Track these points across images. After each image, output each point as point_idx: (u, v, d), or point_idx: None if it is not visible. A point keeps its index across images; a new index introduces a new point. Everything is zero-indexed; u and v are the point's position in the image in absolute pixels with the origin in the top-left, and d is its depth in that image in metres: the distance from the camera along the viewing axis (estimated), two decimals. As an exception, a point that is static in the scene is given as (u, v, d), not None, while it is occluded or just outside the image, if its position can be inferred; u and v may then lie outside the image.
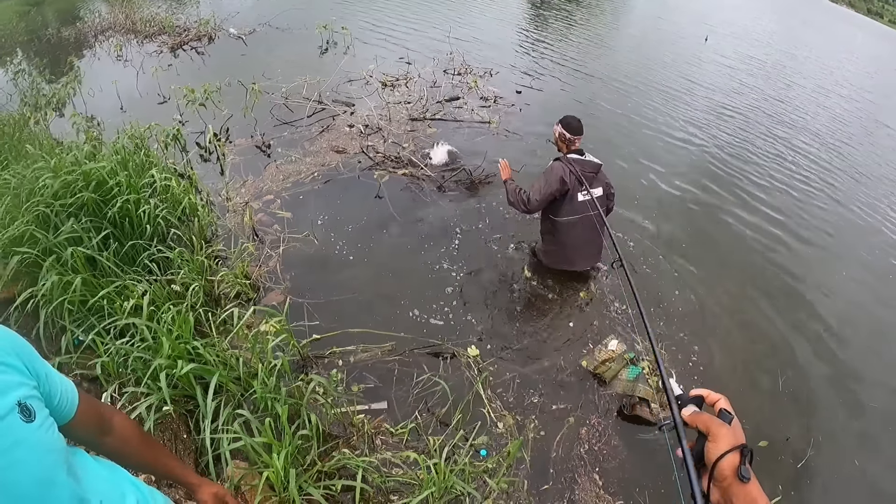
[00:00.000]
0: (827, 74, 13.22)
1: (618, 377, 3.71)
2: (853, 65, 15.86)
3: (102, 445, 1.30)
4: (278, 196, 5.10)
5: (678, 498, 0.97)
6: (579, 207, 4.01)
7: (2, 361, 0.98)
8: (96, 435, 1.28)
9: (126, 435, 1.35)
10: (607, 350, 3.84)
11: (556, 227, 4.15)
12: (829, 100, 11.10)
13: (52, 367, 1.15)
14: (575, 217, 4.04)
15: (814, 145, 8.65)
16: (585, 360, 3.79)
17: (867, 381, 4.17)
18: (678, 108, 8.95)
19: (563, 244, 4.22)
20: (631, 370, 3.73)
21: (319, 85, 7.45)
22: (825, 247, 5.88)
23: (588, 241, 4.19)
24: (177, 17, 10.29)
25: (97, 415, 1.28)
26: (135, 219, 3.86)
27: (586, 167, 4.00)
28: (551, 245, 4.32)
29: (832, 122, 9.95)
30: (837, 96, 11.60)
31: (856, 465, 3.53)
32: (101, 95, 7.10)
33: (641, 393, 3.58)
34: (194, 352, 2.92)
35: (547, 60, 10.03)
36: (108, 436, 1.31)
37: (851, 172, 8.00)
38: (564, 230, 4.12)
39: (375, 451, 3.01)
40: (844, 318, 4.75)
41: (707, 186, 6.47)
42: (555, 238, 4.24)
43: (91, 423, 1.25)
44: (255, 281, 4.06)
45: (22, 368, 1.02)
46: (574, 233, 4.11)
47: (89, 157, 4.30)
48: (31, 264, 3.42)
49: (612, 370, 3.72)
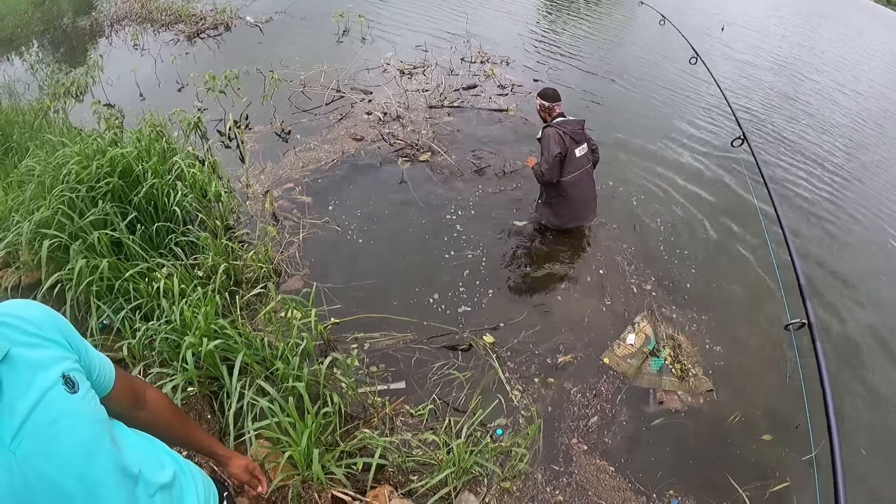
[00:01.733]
0: (845, 70, 12.99)
1: (641, 371, 3.71)
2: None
3: (136, 419, 1.32)
4: (298, 183, 5.13)
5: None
6: (577, 163, 4.40)
7: (46, 337, 1.01)
8: (131, 409, 1.30)
9: (159, 409, 1.38)
10: (626, 345, 3.84)
11: (563, 187, 4.46)
12: (845, 96, 10.89)
13: None
14: (578, 172, 4.42)
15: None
16: (607, 357, 3.77)
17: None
18: (690, 102, 8.85)
19: (572, 201, 4.54)
20: (654, 363, 3.75)
21: (337, 73, 7.47)
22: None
23: (591, 195, 4.62)
24: (193, 6, 10.30)
25: (132, 389, 1.31)
26: (160, 203, 3.89)
27: (574, 125, 4.39)
28: (561, 207, 4.61)
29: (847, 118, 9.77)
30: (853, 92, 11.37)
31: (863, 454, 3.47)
32: (120, 84, 7.16)
33: (668, 385, 3.60)
34: (221, 331, 2.95)
35: (563, 51, 9.93)
36: (142, 410, 1.33)
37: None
38: (571, 188, 4.46)
39: (396, 431, 3.05)
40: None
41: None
42: (564, 198, 4.54)
43: (126, 398, 1.28)
44: (277, 266, 4.09)
45: (64, 343, 1.05)
46: (579, 187, 4.49)
47: (112, 144, 4.33)
48: (55, 248, 3.45)
49: (633, 366, 3.71)
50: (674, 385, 3.62)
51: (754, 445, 3.31)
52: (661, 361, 3.75)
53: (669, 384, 3.62)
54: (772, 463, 3.23)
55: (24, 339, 0.96)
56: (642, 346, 3.83)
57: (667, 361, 3.76)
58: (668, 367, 3.73)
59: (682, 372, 3.71)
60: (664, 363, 3.74)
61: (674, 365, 3.75)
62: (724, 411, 3.47)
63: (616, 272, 4.53)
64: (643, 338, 3.89)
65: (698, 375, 3.72)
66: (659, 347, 3.87)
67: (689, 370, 3.73)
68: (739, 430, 3.38)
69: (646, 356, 3.78)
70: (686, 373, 3.71)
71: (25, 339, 0.97)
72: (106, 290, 3.27)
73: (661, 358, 3.78)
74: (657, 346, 3.87)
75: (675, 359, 3.80)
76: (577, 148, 4.36)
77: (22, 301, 1.04)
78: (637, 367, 3.70)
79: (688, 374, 3.70)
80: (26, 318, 1.00)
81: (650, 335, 3.93)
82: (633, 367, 3.69)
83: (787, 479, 3.10)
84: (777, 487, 3.06)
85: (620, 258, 4.67)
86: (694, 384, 3.65)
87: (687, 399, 3.53)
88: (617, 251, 4.75)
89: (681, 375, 3.67)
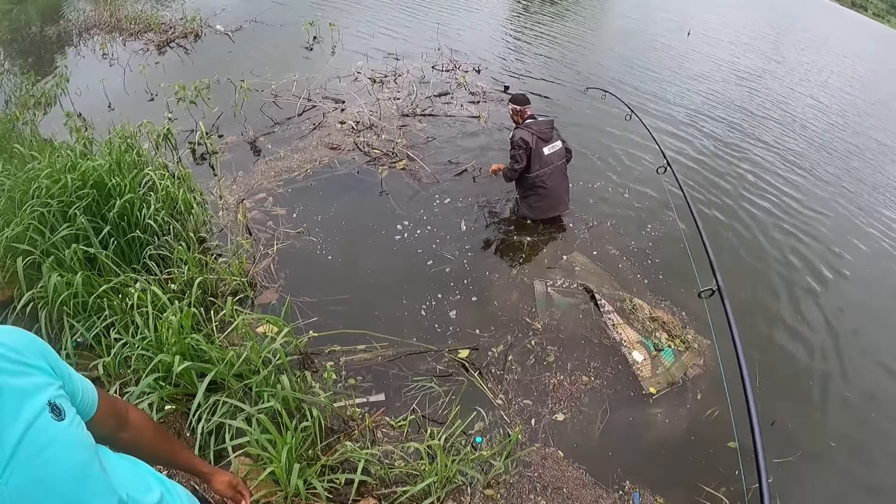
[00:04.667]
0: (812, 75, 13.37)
1: (671, 371, 3.83)
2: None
3: (120, 441, 1.32)
4: (271, 193, 5.13)
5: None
6: (547, 160, 4.79)
7: (30, 364, 1.00)
8: (115, 430, 1.30)
9: (141, 428, 1.38)
10: (641, 364, 3.87)
11: (534, 181, 4.85)
12: (805, 103, 11.22)
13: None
14: (547, 168, 4.80)
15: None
16: (652, 388, 3.71)
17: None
18: (658, 102, 9.04)
19: (544, 195, 4.93)
20: (665, 355, 3.90)
21: (308, 82, 7.47)
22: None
23: (563, 188, 5.03)
24: (162, 15, 10.20)
25: (115, 410, 1.31)
26: (132, 218, 3.88)
27: (542, 126, 4.79)
28: (535, 200, 4.99)
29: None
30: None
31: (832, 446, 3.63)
32: (89, 94, 7.07)
33: (691, 361, 3.87)
34: (196, 347, 2.96)
35: (532, 56, 10.07)
36: (126, 431, 1.33)
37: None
38: (542, 181, 4.84)
39: (377, 443, 3.07)
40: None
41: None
42: (536, 192, 4.93)
43: (110, 420, 1.28)
44: (251, 278, 4.10)
45: (48, 369, 1.05)
46: (551, 181, 4.86)
47: (82, 156, 4.31)
48: (28, 266, 3.43)
49: (665, 371, 3.82)
50: (693, 357, 3.90)
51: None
52: (670, 350, 3.93)
53: (690, 359, 3.87)
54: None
55: (8, 368, 0.96)
56: (649, 353, 3.92)
57: (671, 346, 3.95)
58: (676, 349, 3.94)
59: (685, 343, 3.98)
60: (672, 349, 3.94)
61: (675, 342, 3.98)
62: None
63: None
64: (637, 344, 3.96)
65: (697, 338, 4.05)
66: (654, 340, 4.00)
67: (688, 337, 4.05)
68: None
69: (657, 356, 3.90)
70: (687, 342, 4.00)
71: (10, 367, 0.96)
72: (80, 307, 3.25)
73: (666, 347, 3.95)
74: (653, 341, 4.00)
75: (671, 337, 4.02)
76: (546, 146, 4.77)
77: (3, 327, 1.03)
78: (667, 370, 3.83)
79: (689, 342, 4.00)
80: (9, 345, 0.99)
81: (636, 337, 4.01)
82: (666, 372, 3.81)
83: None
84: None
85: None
86: (699, 347, 3.97)
87: (701, 362, 3.87)
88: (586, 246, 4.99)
89: (687, 346, 3.95)
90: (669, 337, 4.04)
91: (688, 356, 3.91)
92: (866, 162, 8.70)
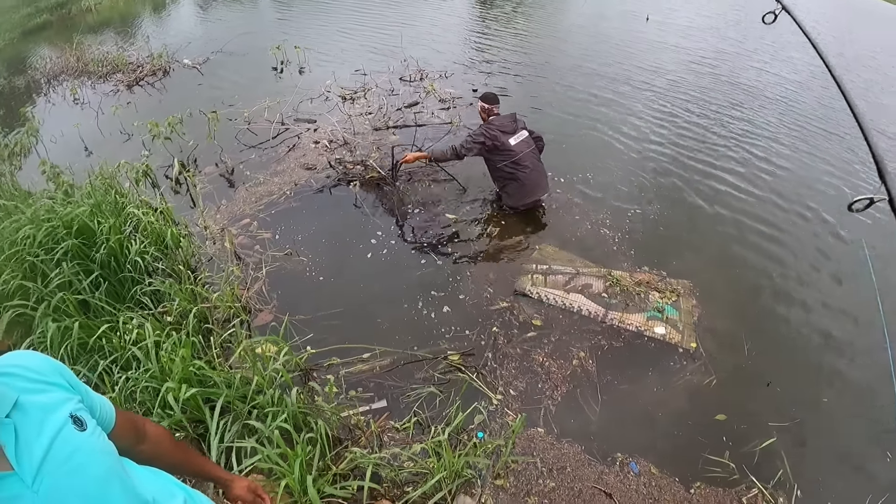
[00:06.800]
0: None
1: (684, 323, 4.12)
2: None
3: (141, 454, 1.40)
4: (255, 218, 5.23)
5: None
6: (517, 149, 5.00)
7: (49, 381, 1.11)
8: (134, 443, 1.39)
9: (160, 439, 1.47)
10: (667, 334, 4.05)
11: (511, 170, 5.06)
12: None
13: None
14: (517, 157, 5.00)
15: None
16: (694, 342, 3.99)
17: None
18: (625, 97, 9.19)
19: (523, 179, 5.08)
20: (669, 311, 4.19)
21: (280, 106, 7.56)
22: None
23: (539, 172, 5.19)
24: (129, 55, 10.23)
25: (133, 424, 1.40)
26: (121, 258, 3.96)
27: (504, 120, 5.06)
28: (514, 188, 5.17)
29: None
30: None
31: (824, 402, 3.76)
32: (64, 140, 7.12)
33: (689, 305, 4.26)
34: (199, 373, 3.05)
35: (499, 57, 10.16)
36: (144, 443, 1.42)
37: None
38: (517, 168, 5.03)
39: (384, 447, 3.16)
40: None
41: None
42: (514, 179, 5.11)
43: (129, 433, 1.36)
44: (245, 303, 4.19)
45: (66, 385, 1.14)
46: (525, 167, 5.04)
47: (63, 204, 4.38)
48: (22, 315, 3.50)
49: (685, 329, 4.08)
50: (687, 300, 4.32)
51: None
52: (669, 307, 4.24)
53: (686, 302, 4.29)
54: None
55: (29, 387, 1.05)
56: (662, 321, 4.14)
57: (667, 302, 4.28)
58: (672, 302, 4.29)
59: (675, 292, 4.39)
60: (670, 304, 4.27)
61: (667, 295, 4.35)
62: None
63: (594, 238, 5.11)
64: (649, 322, 4.14)
65: (680, 282, 4.49)
66: (654, 306, 4.26)
67: (672, 285, 4.45)
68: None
69: (668, 319, 4.15)
70: (676, 290, 4.41)
71: (31, 385, 1.06)
72: (80, 349, 3.33)
73: (665, 306, 4.25)
74: (654, 308, 4.24)
75: (661, 293, 4.39)
76: (511, 138, 5.01)
77: (19, 352, 1.13)
78: (682, 322, 4.12)
79: (675, 287, 4.43)
80: (28, 366, 1.09)
81: (642, 318, 4.17)
82: (684, 325, 4.10)
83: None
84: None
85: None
86: (684, 289, 4.43)
87: (694, 302, 4.27)
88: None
89: (678, 293, 4.37)
90: (661, 294, 4.33)
91: (683, 301, 4.26)
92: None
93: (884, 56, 12.02)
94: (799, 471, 3.21)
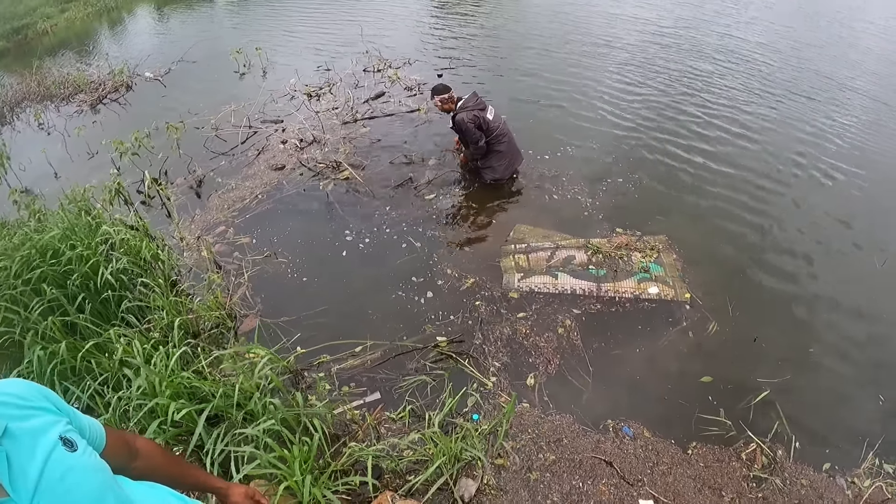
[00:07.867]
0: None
1: (671, 277, 4.27)
2: None
3: (135, 471, 1.42)
4: (230, 225, 5.24)
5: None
6: (493, 124, 5.24)
7: (36, 406, 1.12)
8: (127, 461, 1.40)
9: (152, 455, 1.47)
10: (661, 293, 4.17)
11: (492, 145, 5.32)
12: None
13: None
14: (497, 132, 5.26)
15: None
16: (688, 293, 4.15)
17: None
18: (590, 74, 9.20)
19: (505, 151, 5.38)
20: (654, 268, 4.35)
21: (246, 110, 7.55)
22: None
23: (514, 141, 5.46)
24: (89, 74, 10.12)
25: (123, 441, 1.41)
26: (96, 280, 3.96)
27: (472, 99, 5.22)
28: (497, 160, 5.42)
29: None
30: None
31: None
32: (32, 167, 7.08)
33: (670, 258, 4.45)
34: (189, 385, 3.07)
35: (460, 40, 10.14)
36: (137, 460, 1.42)
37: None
38: (499, 141, 5.31)
39: (382, 439, 3.20)
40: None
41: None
42: (497, 153, 5.38)
43: (121, 451, 1.37)
44: (230, 309, 4.21)
45: (53, 409, 1.16)
46: (504, 140, 5.33)
47: (37, 230, 4.37)
48: (9, 345, 3.52)
49: (673, 283, 4.24)
50: (668, 254, 4.49)
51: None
52: (653, 264, 4.40)
53: (667, 256, 4.47)
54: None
55: (17, 413, 1.07)
56: (653, 280, 4.26)
57: (650, 260, 4.43)
58: (655, 260, 4.44)
59: (654, 249, 4.55)
60: (653, 261, 4.43)
61: (647, 253, 4.50)
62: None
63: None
64: (640, 285, 4.24)
65: (658, 238, 4.69)
66: (640, 267, 4.38)
67: (650, 242, 4.65)
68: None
69: (655, 276, 4.29)
70: (655, 247, 4.57)
71: (18, 412, 1.08)
72: (70, 371, 3.35)
73: (649, 264, 4.40)
74: (640, 270, 4.36)
75: (642, 252, 4.54)
76: (487, 112, 5.22)
77: (3, 380, 1.14)
78: (668, 277, 4.30)
79: (654, 244, 4.61)
80: (13, 393, 1.11)
81: (632, 284, 4.26)
82: (672, 279, 4.28)
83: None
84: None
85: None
86: (662, 245, 4.61)
87: (674, 257, 4.45)
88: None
89: (657, 250, 4.54)
90: (642, 254, 4.48)
91: (664, 256, 4.49)
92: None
93: (847, 11, 12.00)
94: (795, 422, 3.29)
